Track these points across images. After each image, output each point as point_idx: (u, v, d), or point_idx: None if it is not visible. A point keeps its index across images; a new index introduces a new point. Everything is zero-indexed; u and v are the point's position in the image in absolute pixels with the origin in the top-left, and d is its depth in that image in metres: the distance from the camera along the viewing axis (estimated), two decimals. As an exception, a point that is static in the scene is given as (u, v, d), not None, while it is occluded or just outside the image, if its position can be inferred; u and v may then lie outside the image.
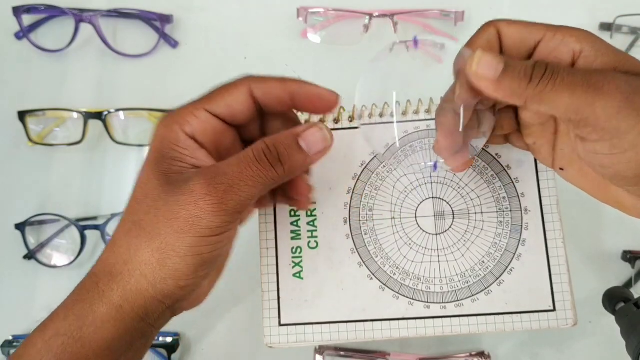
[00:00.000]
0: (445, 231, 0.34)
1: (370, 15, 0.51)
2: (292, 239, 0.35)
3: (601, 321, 0.46)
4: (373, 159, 0.35)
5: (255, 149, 0.28)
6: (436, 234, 0.34)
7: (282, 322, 0.34)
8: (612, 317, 0.37)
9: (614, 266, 0.47)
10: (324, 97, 0.30)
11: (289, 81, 0.30)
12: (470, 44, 0.29)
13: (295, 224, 0.35)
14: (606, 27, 0.51)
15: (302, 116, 0.36)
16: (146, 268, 0.27)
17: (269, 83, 0.30)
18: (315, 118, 0.35)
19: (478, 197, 0.34)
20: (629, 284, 0.46)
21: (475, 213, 0.34)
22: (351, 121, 0.35)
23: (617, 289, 0.38)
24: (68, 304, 0.28)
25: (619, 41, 0.51)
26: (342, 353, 0.45)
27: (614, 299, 0.38)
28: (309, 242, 0.34)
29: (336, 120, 0.36)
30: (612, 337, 0.41)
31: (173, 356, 0.46)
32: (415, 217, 0.34)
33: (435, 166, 0.33)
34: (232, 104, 0.29)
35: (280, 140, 0.28)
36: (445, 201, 0.34)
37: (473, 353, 0.45)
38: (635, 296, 0.36)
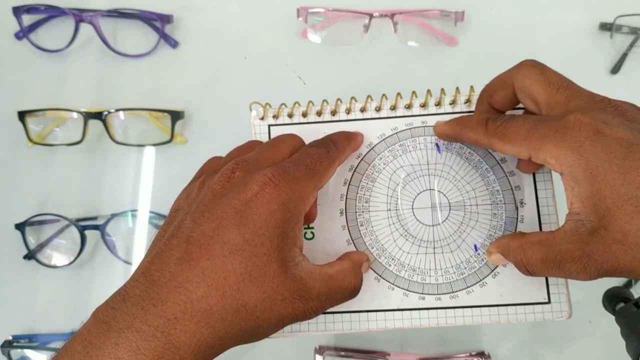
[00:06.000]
0: (442, 222, 0.34)
1: (370, 15, 0.51)
2: None
3: (601, 321, 0.46)
4: (370, 150, 0.35)
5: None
6: (432, 225, 0.34)
7: None
8: (612, 317, 0.37)
9: (614, 266, 0.47)
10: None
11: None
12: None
13: None
14: (606, 27, 0.51)
15: (297, 107, 0.36)
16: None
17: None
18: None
19: (473, 189, 0.34)
20: (629, 284, 0.46)
21: (471, 205, 0.34)
22: (348, 113, 0.36)
23: (617, 289, 0.38)
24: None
25: (619, 41, 0.51)
26: (342, 353, 0.45)
27: (614, 299, 0.37)
28: (305, 234, 0.34)
29: (333, 113, 0.36)
30: (612, 337, 0.41)
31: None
32: (412, 208, 0.34)
33: (439, 148, 0.33)
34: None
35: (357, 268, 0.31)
36: (442, 193, 0.34)
37: (473, 353, 0.45)
38: (635, 296, 0.36)
